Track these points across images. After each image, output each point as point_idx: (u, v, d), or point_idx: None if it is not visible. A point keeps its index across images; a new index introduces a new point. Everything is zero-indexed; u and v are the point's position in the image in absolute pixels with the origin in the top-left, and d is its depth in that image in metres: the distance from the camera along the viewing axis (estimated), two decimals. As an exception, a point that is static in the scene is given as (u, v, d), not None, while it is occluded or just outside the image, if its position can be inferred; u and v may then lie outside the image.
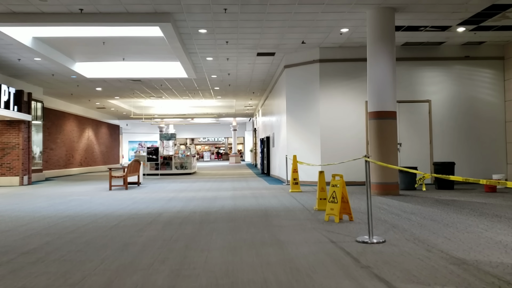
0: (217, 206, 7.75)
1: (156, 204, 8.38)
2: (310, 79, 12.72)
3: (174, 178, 17.73)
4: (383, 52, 9.26)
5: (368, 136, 12.31)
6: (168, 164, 21.42)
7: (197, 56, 13.25)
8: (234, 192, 10.49)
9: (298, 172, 12.08)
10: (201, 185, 13.12)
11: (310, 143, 12.70)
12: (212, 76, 16.46)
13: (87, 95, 20.96)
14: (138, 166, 13.44)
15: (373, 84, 9.35)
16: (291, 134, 13.17)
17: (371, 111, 9.42)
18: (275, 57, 13.59)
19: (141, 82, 17.47)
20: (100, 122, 29.33)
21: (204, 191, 11.13)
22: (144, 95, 21.10)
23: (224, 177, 17.64)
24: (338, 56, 12.51)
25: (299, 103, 12.99)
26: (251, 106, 27.59)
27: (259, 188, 11.63)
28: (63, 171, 22.69)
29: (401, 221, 5.75)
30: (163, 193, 10.62)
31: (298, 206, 7.56)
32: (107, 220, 6.36)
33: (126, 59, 13.72)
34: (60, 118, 22.60)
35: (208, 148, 58.69)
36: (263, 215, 6.51)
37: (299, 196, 9.22)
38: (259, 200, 8.58)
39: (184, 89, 19.52)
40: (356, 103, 12.50)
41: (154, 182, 14.91)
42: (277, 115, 16.03)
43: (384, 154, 9.20)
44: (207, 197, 9.43)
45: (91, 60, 14.01)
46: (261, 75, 16.59)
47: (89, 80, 16.63)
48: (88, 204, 8.61)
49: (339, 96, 12.52)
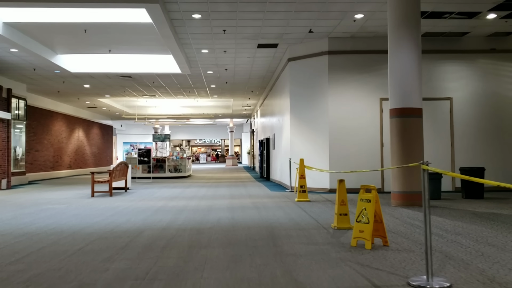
0: (212, 221, 6.40)
1: (140, 216, 7.02)
2: (317, 74, 11.40)
3: (166, 182, 16.36)
4: (407, 39, 7.94)
5: (382, 137, 11.00)
6: (161, 167, 20.05)
7: (191, 48, 11.91)
8: (231, 201, 9.15)
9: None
10: (195, 191, 11.76)
11: (317, 146, 11.37)
12: (208, 72, 15.12)
13: (76, 93, 19.57)
14: (125, 170, 12.07)
15: (395, 77, 8.04)
16: (295, 135, 11.84)
17: (393, 108, 8.10)
18: (277, 50, 12.26)
19: (132, 79, 16.12)
20: (92, 122, 27.92)
21: (197, 199, 9.78)
22: (136, 93, 19.74)
23: (220, 181, 16.28)
24: (349, 47, 11.19)
25: (305, 100, 11.66)
26: (249, 106, 26.27)
27: (260, 196, 10.28)
28: (50, 173, 21.28)
29: (453, 248, 4.41)
30: (151, 202, 9.26)
31: (311, 222, 6.21)
32: (72, 241, 5.00)
33: (112, 51, 12.36)
34: (48, 118, 21.19)
35: (204, 150, 57.30)
36: (270, 236, 5.16)
37: (308, 207, 7.87)
38: (261, 212, 7.24)
39: (178, 87, 18.17)
40: (370, 101, 11.18)
41: (144, 187, 13.54)
42: (278, 114, 14.70)
43: (408, 157, 7.87)
44: (201, 208, 8.08)
45: (74, 52, 12.64)
46: (261, 71, 15.26)
47: (74, 76, 15.26)
48: (59, 215, 7.24)
49: (350, 92, 11.20)
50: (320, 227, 5.69)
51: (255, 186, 13.72)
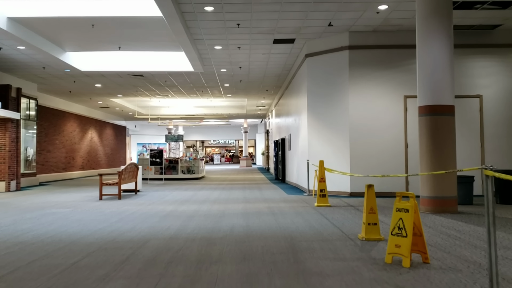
0: (224, 229, 5.82)
1: (147, 222, 6.48)
2: (337, 70, 10.75)
3: (179, 183, 15.86)
4: (438, 29, 7.26)
5: (407, 138, 10.30)
6: (174, 168, 19.60)
7: (204, 44, 11.37)
8: (245, 206, 8.56)
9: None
10: (207, 194, 11.22)
11: (336, 146, 10.71)
12: (221, 70, 14.58)
13: (87, 93, 19.25)
14: (135, 172, 11.59)
15: (425, 71, 7.36)
16: (313, 135, 11.20)
17: (422, 106, 7.42)
18: (294, 45, 11.63)
19: (144, 78, 15.67)
20: (105, 122, 27.67)
21: (210, 202, 9.22)
22: (149, 93, 19.32)
23: (234, 183, 15.72)
24: (371, 42, 10.51)
25: (323, 98, 11.02)
26: (264, 106, 25.67)
27: (275, 200, 9.67)
28: (62, 174, 21.01)
29: (509, 267, 3.75)
30: (160, 206, 8.74)
31: (335, 231, 5.58)
32: (68, 253, 4.47)
33: (122, 48, 11.91)
34: (60, 118, 20.93)
35: (218, 150, 56.91)
36: (289, 248, 4.56)
37: (329, 214, 7.23)
38: (278, 219, 6.63)
39: (191, 86, 17.68)
40: (393, 98, 10.49)
41: (155, 189, 13.05)
42: (295, 114, 14.08)
43: (440, 159, 7.18)
44: (213, 213, 7.51)
45: (83, 50, 12.22)
46: (277, 69, 14.65)
47: (85, 75, 14.87)
48: (61, 221, 6.75)
49: (372, 90, 10.52)
50: (345, 238, 5.06)
51: (271, 188, 13.12)
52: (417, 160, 10.27)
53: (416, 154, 10.31)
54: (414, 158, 10.33)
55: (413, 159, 10.33)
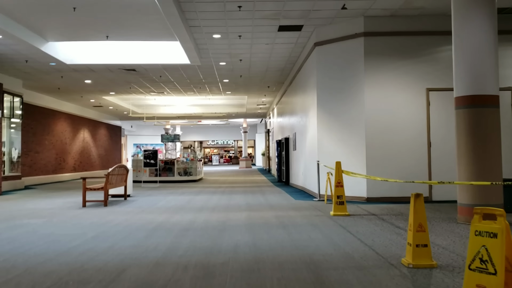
0: (226, 249, 4.63)
1: (130, 239, 5.29)
2: (350, 61, 9.57)
3: (175, 186, 14.67)
4: (479, 8, 6.09)
5: (430, 135, 9.14)
6: (170, 170, 18.40)
7: (201, 32, 10.19)
8: (249, 215, 7.36)
9: (331, 182, 8.93)
10: (205, 199, 10.02)
11: (350, 146, 9.53)
12: (220, 63, 13.39)
13: (77, 90, 18.03)
14: (124, 175, 10.39)
15: (464, 56, 6.19)
16: (324, 134, 10.01)
17: (460, 96, 6.25)
18: (301, 34, 10.45)
19: (136, 73, 14.48)
20: (98, 122, 26.45)
21: (208, 210, 8.02)
22: (143, 90, 18.12)
23: (234, 186, 14.53)
24: (390, 27, 9.33)
25: (335, 92, 9.84)
26: (264, 105, 24.49)
27: (283, 207, 8.48)
28: (52, 177, 19.78)
29: None
30: (150, 214, 7.54)
31: (367, 252, 4.40)
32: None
33: (110, 37, 10.71)
34: (49, 117, 19.71)
35: (217, 151, 55.72)
36: (316, 283, 3.36)
37: (352, 226, 6.04)
38: (292, 234, 5.44)
39: (188, 82, 16.49)
40: (414, 92, 9.32)
41: (148, 194, 11.85)
42: (300, 111, 12.89)
43: (483, 161, 6.00)
44: (211, 225, 6.32)
45: (67, 39, 11.03)
46: (280, 62, 13.47)
47: (72, 69, 13.68)
48: (27, 237, 5.55)
49: (390, 82, 9.35)
50: (385, 264, 3.87)
51: (275, 192, 11.93)
52: (442, 161, 9.11)
53: (441, 154, 9.14)
54: (438, 159, 9.16)
55: (438, 160, 9.16)
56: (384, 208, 7.87)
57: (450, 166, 9.07)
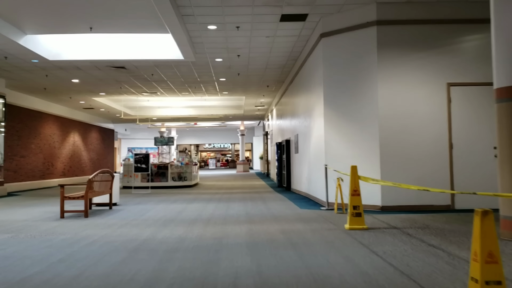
0: (223, 281, 3.59)
1: (103, 264, 4.25)
2: (362, 53, 8.58)
3: (168, 193, 13.62)
4: (525, -21, 5.10)
5: (451, 136, 8.15)
6: (163, 175, 17.34)
7: (195, 22, 9.18)
8: (250, 229, 6.32)
9: (342, 188, 7.92)
10: (200, 209, 8.97)
11: (362, 148, 8.52)
12: (216, 59, 12.37)
13: (65, 90, 16.97)
14: (109, 181, 9.33)
15: (508, 40, 5.19)
16: (331, 134, 8.99)
17: (503, 87, 5.24)
18: (306, 24, 9.46)
19: (126, 71, 13.45)
20: (90, 125, 25.35)
21: (202, 223, 6.98)
22: (134, 89, 17.07)
23: (232, 191, 13.49)
24: (405, 15, 8.35)
25: (344, 88, 8.83)
26: (263, 106, 23.49)
27: (288, 218, 7.44)
28: (39, 183, 18.68)
29: None
30: (134, 229, 6.49)
31: (408, 285, 3.36)
32: None
33: (95, 29, 9.67)
34: (36, 119, 18.63)
35: (213, 155, 54.68)
36: None
37: (376, 244, 5.00)
38: (305, 257, 4.40)
39: (182, 81, 15.47)
40: (433, 87, 8.33)
41: (137, 202, 10.79)
42: (304, 110, 11.88)
43: (532, 165, 5.00)
44: (205, 243, 5.28)
45: (48, 31, 9.98)
46: (282, 58, 12.46)
47: (57, 67, 12.64)
48: (-21, 260, 4.50)
49: (407, 76, 8.36)
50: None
51: (276, 199, 10.89)
52: (465, 164, 8.11)
53: (464, 156, 8.14)
54: (460, 162, 8.16)
55: (460, 163, 8.16)
56: (405, 220, 6.85)
57: (475, 171, 8.08)
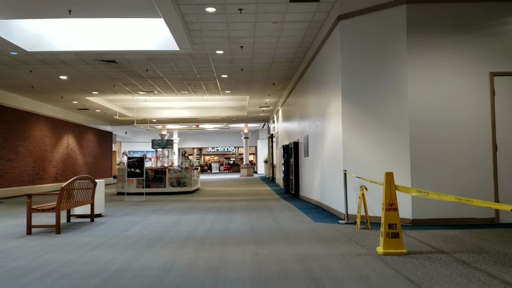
0: None
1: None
2: (388, 37, 7.23)
3: (164, 200, 12.28)
4: None
5: (495, 135, 6.78)
6: (160, 180, 16.02)
7: (190, 4, 7.86)
8: (256, 252, 4.97)
9: (365, 198, 6.55)
10: (196, 222, 7.62)
11: (388, 149, 7.15)
12: (217, 51, 11.05)
13: (54, 89, 15.70)
14: (90, 189, 8.00)
15: None
16: (351, 134, 7.62)
17: None
18: (320, 5, 8.12)
19: (118, 65, 12.16)
20: (86, 127, 24.09)
21: (195, 243, 5.63)
22: (129, 88, 15.78)
23: (234, 199, 12.14)
24: (442, -9, 7.01)
25: (367, 79, 7.47)
26: (268, 107, 22.15)
27: (302, 235, 6.07)
28: (29, 188, 17.42)
29: None
30: (110, 251, 5.15)
31: None
32: None
33: (75, 13, 8.36)
34: (25, 120, 17.38)
35: (217, 158, 53.38)
36: None
37: (430, 282, 3.63)
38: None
39: (181, 78, 14.16)
40: (475, 77, 6.97)
41: (126, 212, 9.45)
42: (315, 108, 10.53)
43: None
44: (195, 277, 3.93)
45: (20, 15, 8.68)
46: (290, 49, 11.12)
47: (41, 61, 11.37)
48: None
49: (443, 64, 7.00)
50: None
51: (285, 209, 9.53)
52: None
53: (510, 159, 6.78)
54: (506, 166, 6.79)
55: (506, 167, 6.79)
56: (447, 238, 5.47)
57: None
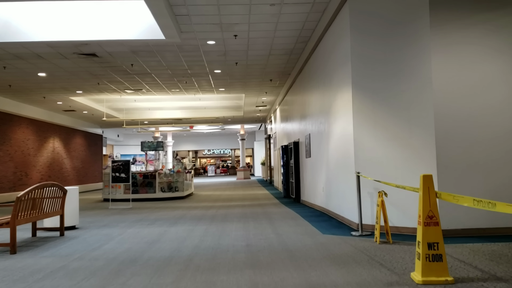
0: None
1: None
2: (406, 15, 6.13)
3: (152, 207, 11.13)
4: None
5: (542, 129, 5.66)
6: (150, 185, 14.87)
7: (174, -19, 6.74)
8: (254, 280, 3.84)
9: (385, 206, 5.42)
10: (182, 235, 6.48)
11: (408, 147, 6.04)
12: (208, 42, 9.93)
13: (35, 88, 14.53)
14: (59, 198, 6.84)
15: None
16: (364, 130, 6.50)
17: None
18: (325, -17, 7.02)
19: (99, 59, 11.01)
20: (73, 130, 22.88)
21: (177, 267, 4.48)
22: (115, 86, 14.62)
23: (229, 205, 11.00)
24: (471, -42, 5.92)
25: (382, 65, 6.36)
26: (265, 106, 21.04)
27: (311, 255, 4.94)
28: (10, 195, 16.20)
29: None
30: (66, 282, 4.00)
31: None
32: None
33: (41, -6, 7.24)
34: (5, 123, 16.19)
35: (213, 161, 52.20)
36: None
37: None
38: None
39: (170, 74, 13.02)
40: (508, 61, 5.89)
41: (106, 222, 8.29)
42: (318, 102, 9.42)
43: None
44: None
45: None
46: (290, 38, 10.00)
47: (13, 54, 10.22)
48: None
49: (473, 46, 5.91)
50: None
51: (286, 217, 8.39)
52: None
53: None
54: (554, 166, 5.71)
55: (554, 168, 5.71)
56: (493, 256, 4.37)
57: None
